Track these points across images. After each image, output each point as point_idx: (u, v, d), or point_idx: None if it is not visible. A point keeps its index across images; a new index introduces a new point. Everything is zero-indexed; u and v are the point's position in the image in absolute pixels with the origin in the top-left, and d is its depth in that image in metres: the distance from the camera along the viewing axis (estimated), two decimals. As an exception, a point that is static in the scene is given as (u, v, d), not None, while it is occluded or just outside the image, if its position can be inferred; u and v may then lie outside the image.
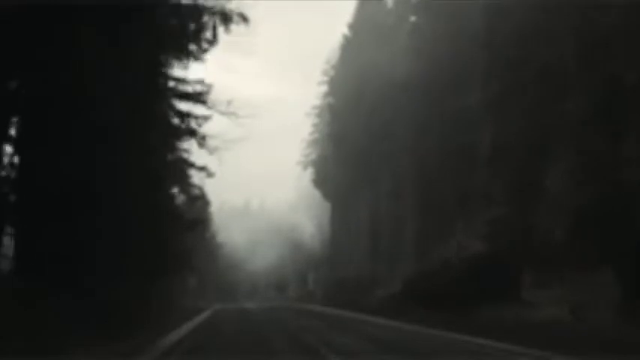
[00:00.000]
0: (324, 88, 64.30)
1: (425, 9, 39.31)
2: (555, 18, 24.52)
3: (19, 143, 15.92)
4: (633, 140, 21.05)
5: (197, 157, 30.01)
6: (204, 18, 16.16)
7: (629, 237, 17.53)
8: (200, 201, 35.55)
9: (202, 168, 30.92)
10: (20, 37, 13.71)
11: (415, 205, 38.01)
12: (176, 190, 32.60)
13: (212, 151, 23.67)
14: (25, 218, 15.69)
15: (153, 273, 26.01)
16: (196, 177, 32.47)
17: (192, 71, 26.46)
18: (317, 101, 67.97)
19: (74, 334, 13.28)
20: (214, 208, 59.72)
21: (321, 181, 62.89)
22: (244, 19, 16.43)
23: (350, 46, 52.44)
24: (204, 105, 22.36)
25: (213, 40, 17.01)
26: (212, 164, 29.59)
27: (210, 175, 31.02)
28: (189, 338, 17.15)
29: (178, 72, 25.11)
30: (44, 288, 14.31)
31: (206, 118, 26.28)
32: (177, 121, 24.47)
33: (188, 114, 24.07)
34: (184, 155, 30.41)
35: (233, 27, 16.37)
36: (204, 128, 24.34)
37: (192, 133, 24.00)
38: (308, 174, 71.46)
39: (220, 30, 16.37)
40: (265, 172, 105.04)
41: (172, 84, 24.32)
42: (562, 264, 20.15)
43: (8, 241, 16.59)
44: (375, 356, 12.57)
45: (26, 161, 15.65)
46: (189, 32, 16.86)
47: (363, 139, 46.60)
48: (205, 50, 18.73)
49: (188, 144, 28.86)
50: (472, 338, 14.62)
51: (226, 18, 16.24)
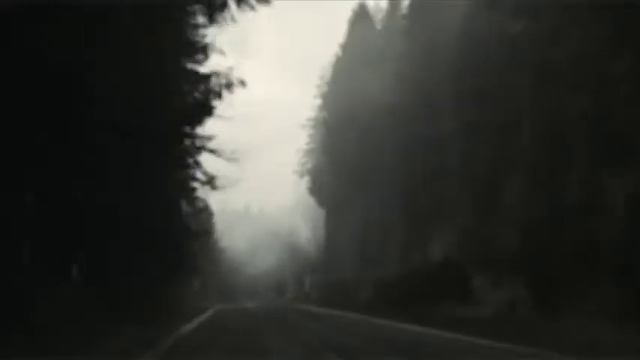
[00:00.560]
0: (319, 102, 66.32)
1: (408, 34, 42.51)
2: (514, 52, 28.11)
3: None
4: (577, 165, 24.62)
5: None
6: (211, 86, 20.07)
7: (560, 248, 21.27)
8: (204, 213, 39.25)
9: (207, 182, 34.75)
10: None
11: (400, 216, 41.63)
12: (183, 203, 36.41)
13: (219, 189, 28.66)
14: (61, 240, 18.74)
15: (163, 275, 29.92)
16: (201, 190, 36.40)
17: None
18: (312, 113, 70.10)
19: (90, 328, 15.76)
20: (216, 212, 61.90)
21: (317, 190, 65.27)
22: (243, 84, 20.31)
23: (341, 65, 54.78)
24: (213, 154, 27.07)
25: (219, 95, 20.79)
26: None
27: (214, 189, 34.89)
28: (199, 330, 20.98)
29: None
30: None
31: (210, 139, 30.45)
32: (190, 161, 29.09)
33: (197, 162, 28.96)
34: (191, 172, 34.29)
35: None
36: (212, 170, 29.28)
37: (204, 174, 29.04)
38: (304, 181, 73.27)
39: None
40: (265, 177, 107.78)
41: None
42: (511, 269, 23.92)
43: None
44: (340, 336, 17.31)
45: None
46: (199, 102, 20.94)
47: (355, 154, 49.33)
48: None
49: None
50: (425, 329, 18.45)
51: (229, 85, 20.03)
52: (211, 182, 28.55)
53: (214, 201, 48.16)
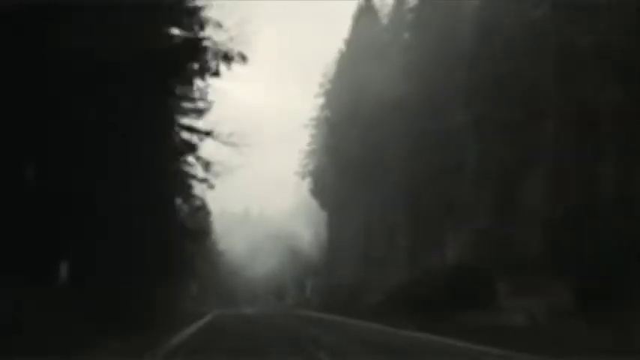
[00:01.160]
0: (321, 101, 65.31)
1: (416, 27, 40.87)
2: (535, 43, 26.28)
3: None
4: (607, 159, 22.73)
5: (198, 169, 31.86)
6: (208, 58, 17.96)
7: (591, 248, 19.25)
8: (202, 211, 37.29)
9: (204, 180, 32.73)
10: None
11: (406, 217, 39.70)
12: (179, 201, 34.40)
13: (216, 176, 25.90)
14: (47, 234, 16.92)
15: (157, 279, 27.76)
16: (198, 188, 34.34)
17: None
18: (314, 113, 68.87)
19: (81, 335, 14.29)
20: (215, 215, 60.66)
21: (319, 191, 63.92)
22: (243, 58, 18.26)
23: (345, 62, 53.48)
24: (209, 137, 24.46)
25: (216, 73, 18.77)
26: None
27: (211, 187, 32.84)
28: (191, 341, 18.77)
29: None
30: (49, 289, 15.70)
31: (208, 134, 28.23)
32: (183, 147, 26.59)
33: (193, 146, 26.26)
34: (186, 168, 32.25)
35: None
36: (208, 155, 26.62)
37: (197, 159, 26.28)
38: (306, 183, 72.37)
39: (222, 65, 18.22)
40: (265, 179, 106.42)
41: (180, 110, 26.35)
42: (535, 272, 21.86)
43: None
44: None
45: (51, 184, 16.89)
46: (193, 70, 18.73)
47: (359, 152, 47.85)
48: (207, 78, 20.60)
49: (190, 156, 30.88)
50: (440, 338, 16.34)
51: (228, 58, 18.05)
52: (207, 168, 25.69)
53: (212, 205, 46.58)
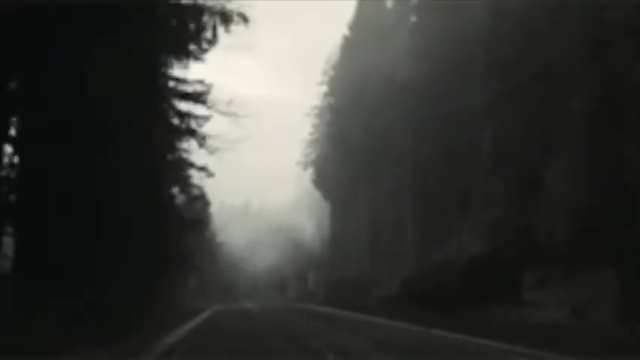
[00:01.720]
0: (324, 89, 64.17)
1: (425, 9, 39.20)
2: (559, 16, 24.45)
3: (19, 143, 15.91)
4: (635, 140, 21.02)
5: (197, 157, 30.09)
6: (204, 18, 16.12)
7: (630, 236, 17.48)
8: (200, 201, 35.55)
9: (202, 168, 30.91)
10: (20, 37, 13.70)
11: (415, 205, 37.98)
12: (176, 190, 32.64)
13: (212, 152, 23.59)
14: (26, 218, 15.67)
15: (153, 272, 26.02)
16: (196, 177, 32.55)
17: (192, 71, 26.57)
18: (317, 101, 67.77)
19: (74, 334, 13.25)
20: (214, 208, 59.65)
21: (321, 181, 62.80)
22: (244, 19, 16.42)
23: (350, 47, 52.30)
24: (204, 105, 22.27)
25: (213, 40, 17.00)
26: (212, 164, 29.70)
27: (210, 175, 31.01)
28: (187, 341, 17.06)
29: (178, 72, 25.26)
30: (44, 287, 14.30)
31: (206, 118, 26.25)
32: (177, 122, 24.42)
33: (188, 114, 24.04)
34: (184, 155, 30.45)
35: (233, 27, 16.41)
36: (204, 129, 24.28)
37: (192, 133, 23.96)
38: (308, 174, 71.29)
39: (220, 30, 16.39)
40: (265, 172, 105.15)
41: (172, 84, 24.30)
42: (563, 263, 20.09)
43: (8, 241, 16.59)
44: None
45: (26, 161, 15.62)
46: (189, 32, 16.83)
47: (363, 139, 46.53)
48: (205, 50, 18.72)
49: (188, 144, 28.96)
50: (469, 338, 14.62)
51: (226, 18, 16.21)
52: (202, 142, 23.41)
53: (212, 199, 45.15)
